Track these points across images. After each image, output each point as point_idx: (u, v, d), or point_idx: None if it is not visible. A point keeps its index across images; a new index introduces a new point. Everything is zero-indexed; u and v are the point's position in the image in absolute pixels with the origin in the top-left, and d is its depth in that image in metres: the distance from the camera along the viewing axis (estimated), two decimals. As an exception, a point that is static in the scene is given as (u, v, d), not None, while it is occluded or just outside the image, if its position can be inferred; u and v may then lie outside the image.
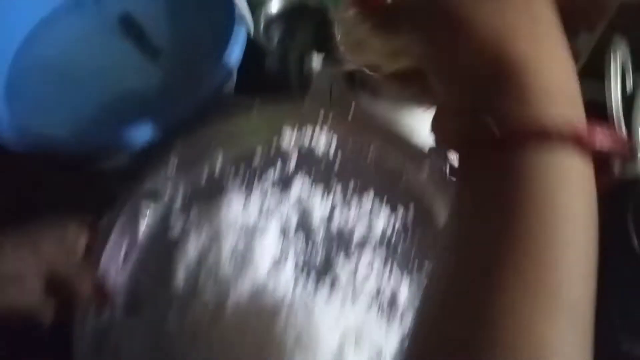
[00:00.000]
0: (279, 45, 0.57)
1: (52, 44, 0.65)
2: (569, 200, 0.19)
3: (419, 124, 0.37)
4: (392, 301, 0.36)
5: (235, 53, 0.55)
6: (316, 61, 0.47)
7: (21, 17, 0.64)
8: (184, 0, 0.67)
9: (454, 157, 0.22)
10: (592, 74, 0.52)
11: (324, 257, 0.37)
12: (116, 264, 0.38)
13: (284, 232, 0.38)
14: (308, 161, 0.39)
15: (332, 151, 0.38)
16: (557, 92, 0.20)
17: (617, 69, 0.37)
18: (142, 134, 0.52)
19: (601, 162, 0.20)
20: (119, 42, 0.66)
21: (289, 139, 0.39)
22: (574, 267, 0.18)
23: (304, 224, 0.38)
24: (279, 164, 0.39)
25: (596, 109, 0.46)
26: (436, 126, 0.23)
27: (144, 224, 0.39)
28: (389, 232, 0.37)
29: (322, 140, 0.38)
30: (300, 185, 0.38)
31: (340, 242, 0.37)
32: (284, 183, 0.39)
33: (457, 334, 0.18)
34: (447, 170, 0.32)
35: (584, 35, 0.58)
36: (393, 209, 0.38)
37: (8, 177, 0.53)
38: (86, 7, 0.68)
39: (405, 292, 0.36)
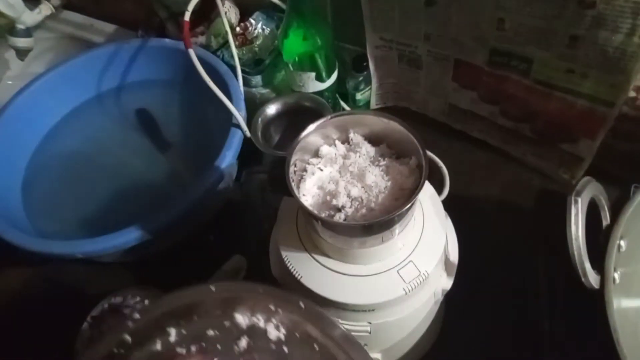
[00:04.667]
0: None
1: (71, 138, 0.71)
2: None
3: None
4: None
5: (227, 158, 0.58)
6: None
7: (45, 114, 0.70)
8: (193, 100, 0.71)
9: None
10: (594, 176, 0.51)
11: None
12: None
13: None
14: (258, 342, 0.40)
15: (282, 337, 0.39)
16: None
17: (578, 214, 0.36)
18: (141, 232, 0.54)
19: None
20: (134, 134, 0.71)
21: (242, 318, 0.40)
22: None
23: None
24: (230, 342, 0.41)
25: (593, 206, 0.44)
26: None
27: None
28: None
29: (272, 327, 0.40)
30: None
31: None
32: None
33: None
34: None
35: (586, 141, 0.57)
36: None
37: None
38: (107, 102, 0.74)
39: None
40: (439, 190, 0.64)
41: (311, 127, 0.38)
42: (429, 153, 0.67)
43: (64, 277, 0.62)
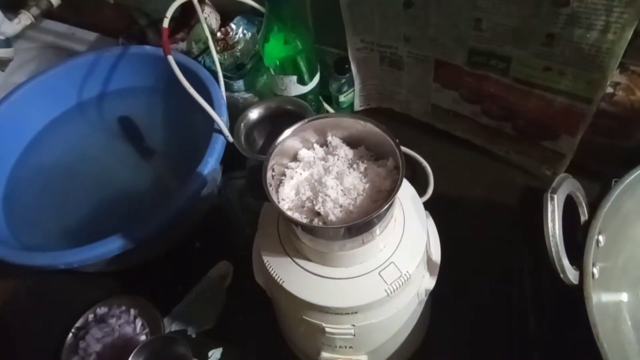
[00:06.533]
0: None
1: (53, 148, 0.70)
2: None
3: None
4: None
5: (210, 164, 0.58)
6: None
7: (26, 125, 0.70)
8: (175, 107, 0.71)
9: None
10: (576, 173, 0.51)
11: None
12: None
13: None
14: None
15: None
16: None
17: (554, 211, 0.36)
18: (124, 241, 0.54)
19: None
20: (116, 142, 0.70)
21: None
22: None
23: None
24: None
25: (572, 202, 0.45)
26: None
27: None
28: None
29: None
30: None
31: None
32: None
33: None
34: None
35: (566, 138, 0.58)
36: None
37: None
38: (89, 110, 0.74)
39: None
40: (423, 190, 0.64)
41: (288, 132, 0.38)
42: (412, 153, 0.67)
43: (48, 289, 0.61)
